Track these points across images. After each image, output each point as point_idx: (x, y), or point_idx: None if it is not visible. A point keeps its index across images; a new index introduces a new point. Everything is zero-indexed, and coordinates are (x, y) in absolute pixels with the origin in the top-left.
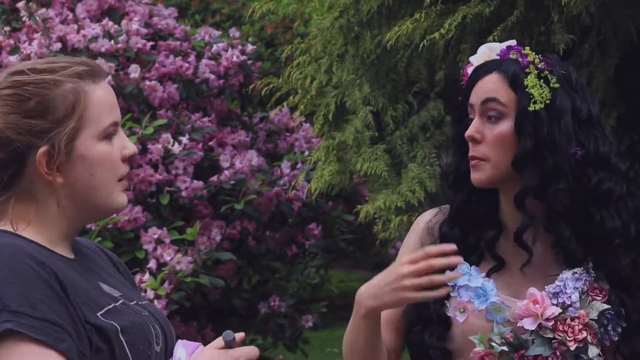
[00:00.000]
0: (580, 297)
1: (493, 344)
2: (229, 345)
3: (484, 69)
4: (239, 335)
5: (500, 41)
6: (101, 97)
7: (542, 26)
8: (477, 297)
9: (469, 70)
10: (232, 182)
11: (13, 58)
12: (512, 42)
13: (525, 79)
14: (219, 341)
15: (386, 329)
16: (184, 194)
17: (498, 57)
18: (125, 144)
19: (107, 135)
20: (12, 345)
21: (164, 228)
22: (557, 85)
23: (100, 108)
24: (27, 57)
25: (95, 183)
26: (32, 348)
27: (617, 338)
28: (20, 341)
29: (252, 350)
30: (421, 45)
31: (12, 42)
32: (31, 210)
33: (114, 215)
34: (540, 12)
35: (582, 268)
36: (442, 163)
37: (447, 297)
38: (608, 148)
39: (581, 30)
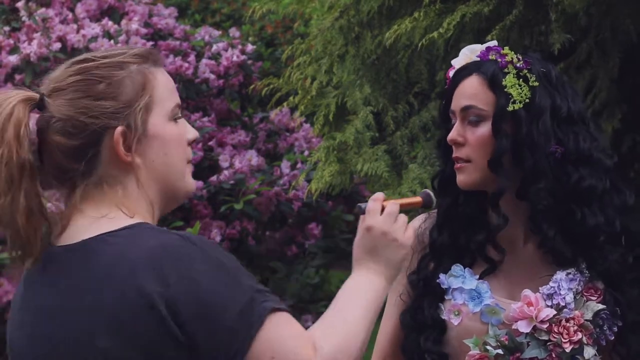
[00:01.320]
0: (574, 297)
1: (488, 347)
2: (361, 211)
3: (464, 72)
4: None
5: (499, 40)
6: (164, 78)
7: (542, 25)
8: (472, 299)
9: (451, 73)
10: (232, 182)
11: (12, 58)
12: (493, 43)
13: (503, 79)
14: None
15: (387, 339)
16: None
17: (478, 59)
18: (187, 128)
19: (174, 117)
20: (273, 317)
21: (164, 228)
22: (536, 83)
23: (166, 89)
24: (27, 57)
25: (170, 162)
26: (284, 315)
27: (613, 337)
28: (275, 312)
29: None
30: (420, 44)
31: (11, 41)
32: (125, 195)
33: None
34: (540, 12)
35: (575, 268)
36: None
37: (442, 300)
38: (589, 144)
39: (580, 30)
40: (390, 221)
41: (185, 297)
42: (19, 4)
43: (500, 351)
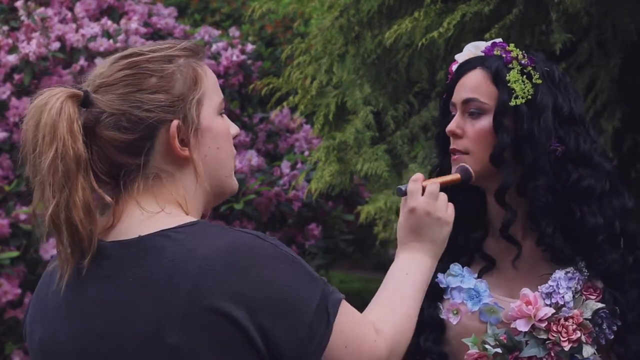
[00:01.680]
0: (573, 296)
1: (487, 345)
2: (402, 193)
3: (467, 65)
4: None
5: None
6: (210, 73)
7: (542, 25)
8: (470, 298)
9: (454, 67)
10: None
11: (11, 57)
12: (498, 40)
13: (507, 75)
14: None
15: None
16: None
17: (483, 54)
18: (230, 123)
19: (220, 112)
20: (342, 309)
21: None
22: (539, 81)
23: (213, 83)
24: (26, 57)
25: (222, 157)
26: (345, 303)
27: (612, 336)
28: (343, 302)
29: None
30: (420, 44)
31: (10, 41)
32: (177, 190)
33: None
34: (540, 11)
35: (574, 267)
36: None
37: (440, 299)
38: (589, 146)
39: (581, 29)
40: (432, 201)
41: (262, 299)
42: (18, 4)
43: (499, 350)
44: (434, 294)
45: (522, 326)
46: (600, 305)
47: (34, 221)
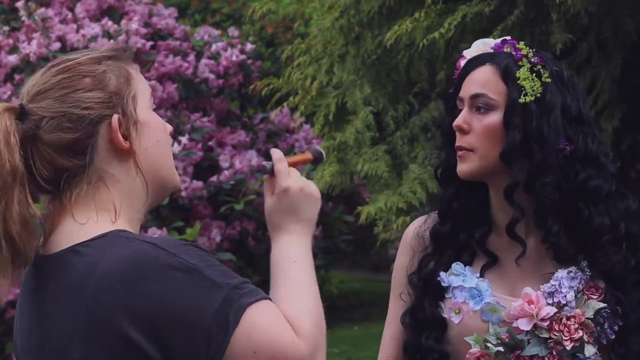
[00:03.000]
0: (575, 296)
1: (489, 344)
2: (268, 171)
3: (476, 61)
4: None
5: None
6: (136, 70)
7: (542, 25)
8: (472, 297)
9: (462, 63)
10: (232, 182)
11: (12, 58)
12: (507, 37)
13: (517, 72)
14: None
15: (392, 346)
16: (183, 194)
17: (492, 51)
18: (162, 119)
19: (151, 107)
20: (250, 312)
21: (164, 228)
22: (549, 80)
23: (142, 81)
24: (26, 57)
25: (162, 150)
26: (261, 304)
27: (614, 336)
28: (251, 306)
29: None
30: (421, 44)
31: (11, 41)
32: (116, 193)
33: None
34: (540, 12)
35: (576, 267)
36: None
37: (442, 298)
38: (597, 147)
39: (581, 29)
40: (300, 177)
41: (155, 310)
42: (19, 4)
43: (501, 349)
44: (436, 293)
45: (524, 325)
46: (602, 304)
47: None
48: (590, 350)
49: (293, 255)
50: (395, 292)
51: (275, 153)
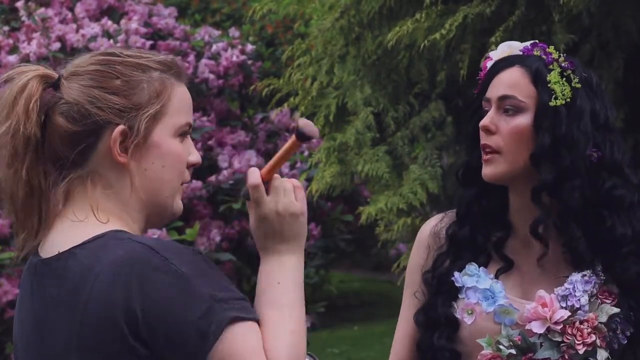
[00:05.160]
0: (589, 300)
1: (501, 346)
2: (247, 197)
3: (505, 62)
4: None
5: (501, 41)
6: (183, 94)
7: (543, 26)
8: (485, 299)
9: (488, 64)
10: (231, 182)
11: (12, 58)
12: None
13: (548, 75)
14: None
15: (404, 343)
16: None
17: (520, 53)
18: (191, 150)
19: (181, 134)
20: (232, 328)
21: (163, 228)
22: (578, 85)
23: (181, 104)
24: (26, 57)
25: (166, 176)
26: (247, 325)
27: (626, 342)
28: (235, 323)
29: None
30: (422, 45)
31: (11, 41)
32: (110, 198)
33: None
34: (541, 12)
35: (591, 271)
36: (443, 164)
37: (455, 298)
38: (622, 156)
39: (582, 30)
40: (279, 199)
41: (143, 311)
42: (19, 4)
43: (513, 351)
44: (449, 293)
45: (537, 328)
46: (616, 310)
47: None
48: (602, 354)
49: (276, 277)
50: (409, 290)
51: (251, 177)
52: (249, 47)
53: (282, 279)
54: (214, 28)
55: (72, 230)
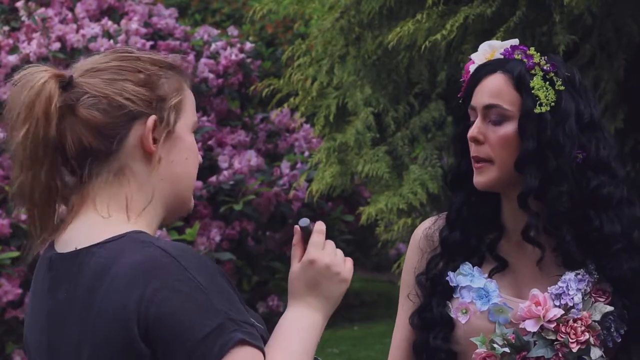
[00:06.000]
0: (583, 298)
1: (495, 345)
2: (307, 232)
3: (487, 68)
4: (319, 226)
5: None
6: (191, 95)
7: (544, 26)
8: (479, 298)
9: (471, 67)
10: (231, 182)
11: (12, 58)
12: (515, 42)
13: (530, 81)
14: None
15: (403, 348)
16: None
17: (502, 57)
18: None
19: (193, 132)
20: (238, 351)
21: (164, 228)
22: (562, 87)
23: (191, 104)
24: (26, 57)
25: (188, 169)
26: (251, 351)
27: (620, 340)
28: (242, 346)
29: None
30: (423, 46)
31: (11, 41)
32: (137, 191)
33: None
34: (542, 13)
35: (584, 269)
36: (443, 164)
37: (450, 298)
38: (608, 152)
39: (583, 30)
40: (333, 253)
41: (155, 317)
42: (19, 4)
43: (507, 350)
44: (444, 293)
45: (531, 326)
46: (609, 308)
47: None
48: (596, 353)
49: (298, 326)
50: (403, 293)
51: (319, 225)
52: (248, 46)
53: (303, 331)
54: (214, 28)
55: (92, 227)
